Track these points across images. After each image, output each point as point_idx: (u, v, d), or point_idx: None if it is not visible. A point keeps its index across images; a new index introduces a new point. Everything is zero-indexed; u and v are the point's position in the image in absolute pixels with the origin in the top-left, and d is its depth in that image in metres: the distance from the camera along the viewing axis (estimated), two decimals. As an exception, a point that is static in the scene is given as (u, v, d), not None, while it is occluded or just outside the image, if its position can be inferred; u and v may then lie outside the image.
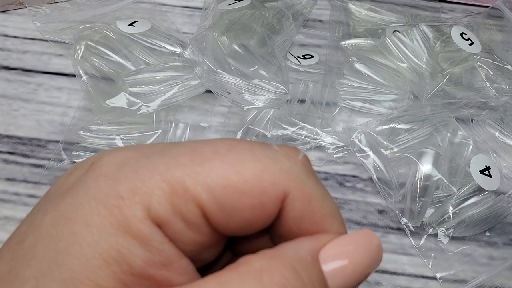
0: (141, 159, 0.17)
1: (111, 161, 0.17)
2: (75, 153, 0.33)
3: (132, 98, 0.33)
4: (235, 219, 0.17)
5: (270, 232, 0.18)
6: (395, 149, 0.32)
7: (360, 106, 0.35)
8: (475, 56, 0.36)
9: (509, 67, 0.36)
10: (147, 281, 0.16)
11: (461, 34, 0.36)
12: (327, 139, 0.33)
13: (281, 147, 0.18)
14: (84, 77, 0.34)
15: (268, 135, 0.33)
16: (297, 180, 0.17)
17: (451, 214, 0.31)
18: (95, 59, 0.34)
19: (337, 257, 0.17)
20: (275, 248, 0.17)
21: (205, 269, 0.18)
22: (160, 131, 0.33)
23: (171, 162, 0.16)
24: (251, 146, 0.17)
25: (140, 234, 0.15)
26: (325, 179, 0.33)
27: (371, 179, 0.32)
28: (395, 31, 0.37)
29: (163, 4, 0.40)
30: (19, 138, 0.34)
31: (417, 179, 0.31)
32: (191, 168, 0.16)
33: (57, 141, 0.33)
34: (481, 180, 0.31)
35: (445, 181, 0.31)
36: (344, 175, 0.33)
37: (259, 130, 0.34)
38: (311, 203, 0.18)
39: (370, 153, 0.32)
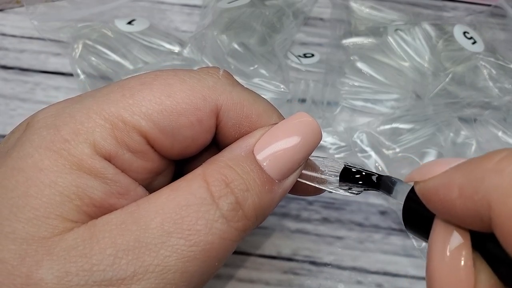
0: (75, 105, 0.17)
1: (46, 115, 0.17)
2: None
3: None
4: (178, 139, 0.18)
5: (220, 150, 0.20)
6: (397, 149, 0.32)
7: (362, 106, 0.35)
8: (477, 55, 0.35)
9: (512, 66, 0.36)
10: (109, 211, 0.17)
11: (464, 32, 0.36)
12: (328, 139, 0.33)
13: (201, 68, 0.20)
14: (82, 76, 0.34)
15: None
16: (225, 92, 0.19)
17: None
18: (93, 58, 0.34)
19: (268, 144, 0.18)
20: (215, 155, 0.19)
21: None
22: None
23: (104, 101, 0.17)
24: (175, 71, 0.19)
25: (93, 169, 0.16)
26: (326, 179, 0.33)
27: (372, 179, 0.32)
28: (397, 29, 0.36)
29: (162, 3, 0.40)
30: (16, 138, 0.33)
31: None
32: (123, 102, 0.17)
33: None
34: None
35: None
36: (345, 175, 0.33)
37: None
38: (244, 108, 0.19)
39: (372, 153, 0.32)
